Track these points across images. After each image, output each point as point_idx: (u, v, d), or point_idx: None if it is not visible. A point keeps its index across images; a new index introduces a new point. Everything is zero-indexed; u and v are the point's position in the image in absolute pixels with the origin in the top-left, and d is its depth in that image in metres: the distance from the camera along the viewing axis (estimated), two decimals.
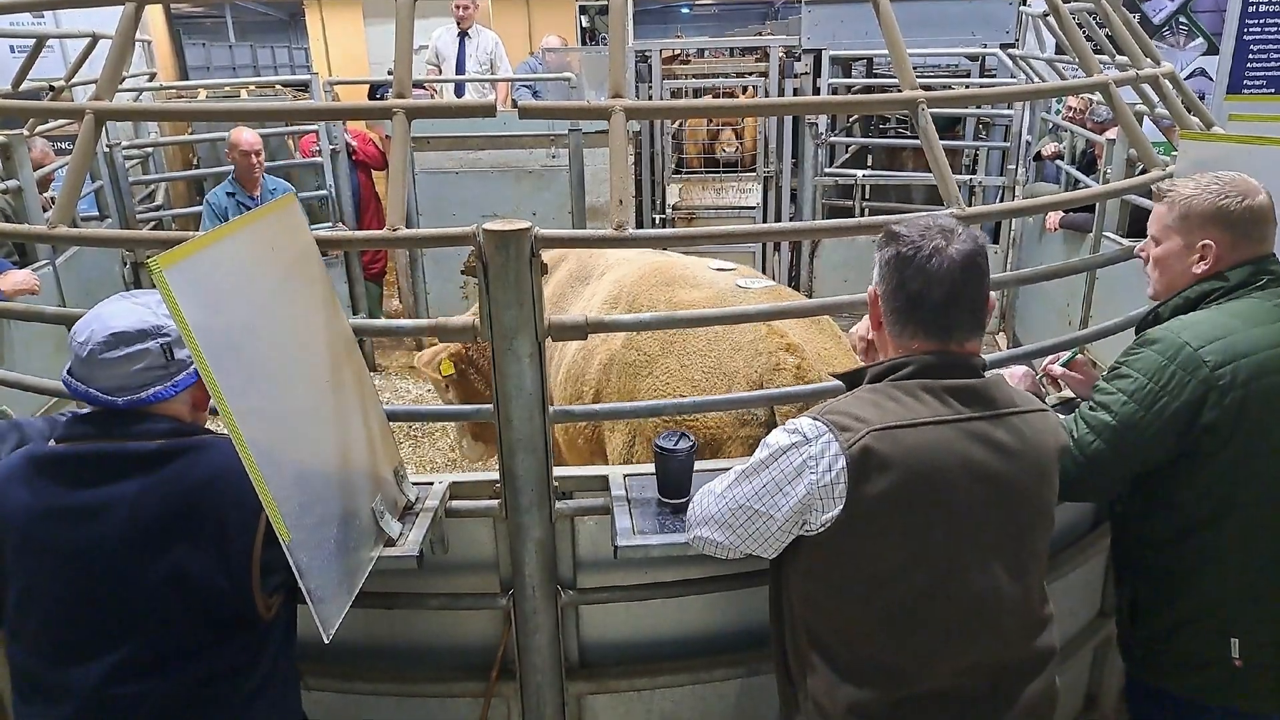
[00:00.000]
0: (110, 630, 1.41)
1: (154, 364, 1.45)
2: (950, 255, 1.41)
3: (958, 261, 1.41)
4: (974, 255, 1.43)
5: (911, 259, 1.42)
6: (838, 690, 1.44)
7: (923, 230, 1.45)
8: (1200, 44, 5.70)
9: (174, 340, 1.46)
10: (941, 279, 1.41)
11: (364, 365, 1.81)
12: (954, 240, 1.43)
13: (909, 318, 1.45)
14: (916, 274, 1.42)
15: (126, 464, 1.42)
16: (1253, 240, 1.75)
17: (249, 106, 3.72)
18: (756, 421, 2.41)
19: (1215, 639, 1.70)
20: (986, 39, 6.06)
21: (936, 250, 1.41)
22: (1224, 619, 1.70)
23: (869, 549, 1.41)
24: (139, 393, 1.44)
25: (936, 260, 1.41)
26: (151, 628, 1.41)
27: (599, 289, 3.19)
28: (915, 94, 1.95)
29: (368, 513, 1.71)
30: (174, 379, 1.46)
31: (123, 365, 1.42)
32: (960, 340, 1.46)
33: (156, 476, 1.41)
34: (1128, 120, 2.28)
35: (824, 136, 6.34)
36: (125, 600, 1.40)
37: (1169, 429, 1.65)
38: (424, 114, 1.95)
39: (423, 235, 1.79)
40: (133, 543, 1.39)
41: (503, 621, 2.07)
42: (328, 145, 5.82)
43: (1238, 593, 1.70)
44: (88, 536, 1.39)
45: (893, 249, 1.46)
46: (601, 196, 6.20)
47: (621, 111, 1.79)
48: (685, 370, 2.56)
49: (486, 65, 6.87)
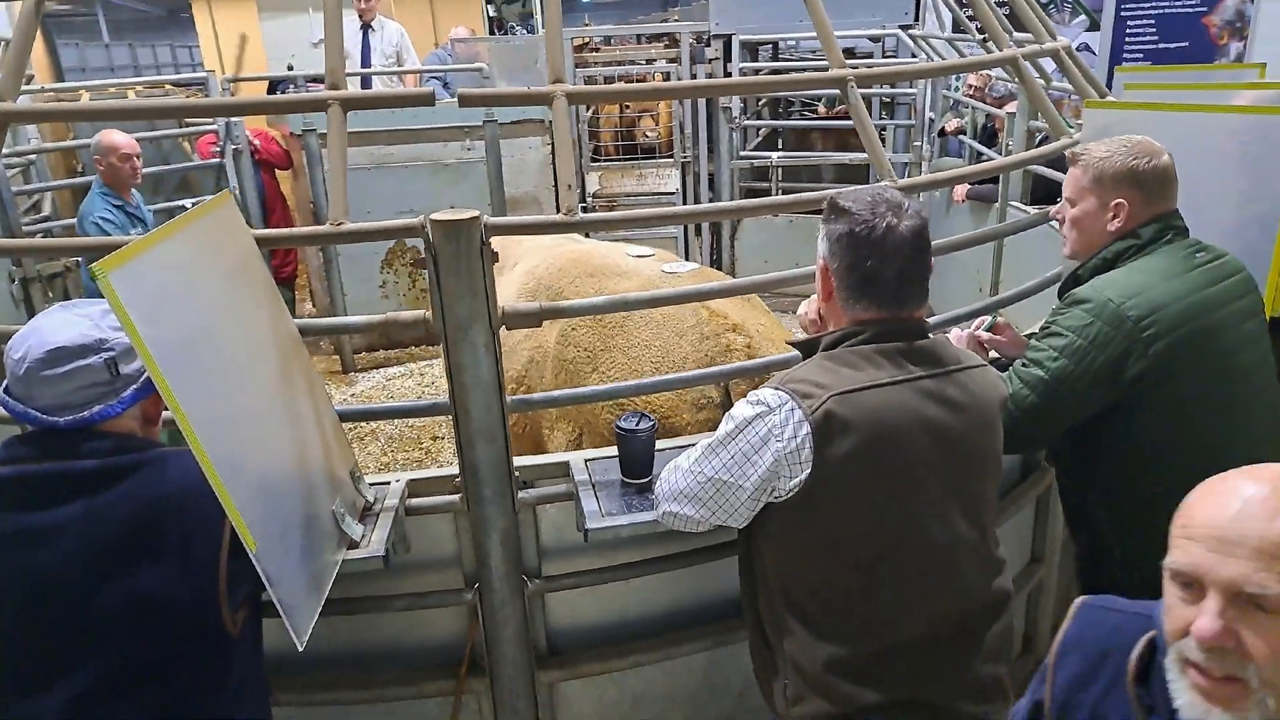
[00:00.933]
0: (71, 657, 1.34)
1: (97, 380, 1.36)
2: (902, 233, 1.46)
3: (908, 239, 1.46)
4: (921, 230, 1.49)
5: (865, 238, 1.46)
6: (815, 649, 1.49)
7: (872, 206, 1.48)
8: (1083, 20, 6.03)
9: (118, 354, 1.38)
10: (894, 256, 1.46)
11: (312, 366, 1.76)
12: (903, 216, 1.47)
13: (862, 293, 1.49)
14: (871, 252, 1.46)
15: (73, 484, 1.34)
16: (1160, 198, 1.87)
17: (168, 104, 3.49)
18: (713, 404, 2.43)
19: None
20: (886, 20, 6.27)
21: (890, 228, 1.45)
22: None
23: (837, 508, 1.46)
24: (81, 411, 1.36)
25: (890, 238, 1.45)
26: (116, 652, 1.34)
27: (511, 280, 3.13)
28: (844, 72, 2.01)
29: (329, 516, 1.67)
30: (119, 395, 1.38)
31: (63, 383, 1.34)
32: (910, 310, 1.52)
33: (108, 495, 1.34)
34: (1036, 92, 2.40)
35: (738, 121, 6.44)
36: (85, 625, 1.33)
37: (1098, 381, 1.75)
38: (360, 105, 1.90)
39: (368, 229, 1.75)
40: (89, 564, 1.32)
41: (469, 616, 2.05)
42: (229, 145, 5.59)
43: None
44: (39, 562, 1.32)
45: (844, 225, 1.49)
46: (521, 188, 6.14)
47: (564, 96, 1.79)
48: (634, 363, 2.54)
49: (393, 58, 6.70)
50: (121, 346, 1.37)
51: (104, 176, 4.29)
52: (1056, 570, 2.80)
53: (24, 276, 4.65)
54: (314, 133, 5.55)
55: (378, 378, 6.06)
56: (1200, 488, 1.07)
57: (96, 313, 1.40)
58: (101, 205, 4.27)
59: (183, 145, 6.31)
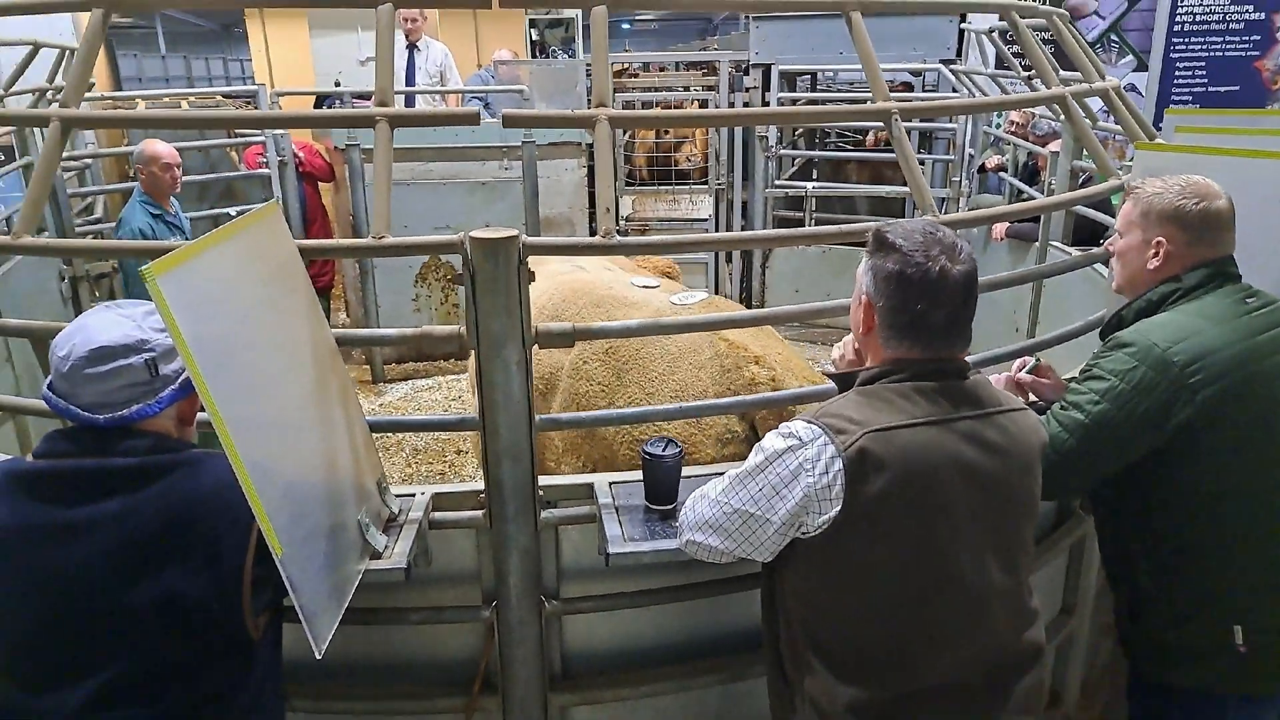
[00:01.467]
0: (92, 654, 1.35)
1: (138, 379, 1.39)
2: (955, 277, 1.41)
3: (961, 283, 1.42)
4: (973, 274, 1.45)
5: (917, 281, 1.42)
6: (836, 690, 1.46)
7: (925, 247, 1.42)
8: (1130, 61, 5.99)
9: (159, 355, 1.41)
10: (945, 302, 1.42)
11: (347, 375, 1.77)
12: (956, 260, 1.42)
13: (906, 335, 1.46)
14: (921, 296, 1.42)
15: (110, 480, 1.36)
16: (1206, 242, 1.83)
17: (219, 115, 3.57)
18: (737, 439, 2.37)
19: (1218, 628, 1.74)
20: (928, 54, 6.26)
21: (943, 272, 1.41)
22: (1226, 608, 1.75)
23: (867, 549, 1.43)
24: (121, 409, 1.38)
25: (943, 283, 1.41)
26: (137, 651, 1.35)
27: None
28: (888, 105, 2.00)
29: (354, 525, 1.67)
30: (158, 395, 1.41)
31: (105, 381, 1.37)
32: (952, 352, 1.50)
33: (143, 494, 1.36)
34: (1084, 131, 2.38)
35: (774, 150, 6.45)
36: (109, 623, 1.34)
37: (1140, 428, 1.71)
38: (407, 123, 1.93)
39: (409, 243, 1.76)
40: (119, 563, 1.33)
41: (485, 634, 2.04)
42: (275, 157, 5.70)
43: (1237, 581, 1.74)
44: (70, 556, 1.33)
45: (894, 264, 1.43)
46: (555, 208, 6.19)
47: (606, 120, 1.80)
48: (650, 399, 2.46)
49: (436, 78, 6.81)
50: (162, 348, 1.40)
51: (144, 184, 4.37)
52: (1088, 623, 2.73)
53: (73, 275, 4.76)
54: (357, 147, 5.65)
55: (406, 389, 6.10)
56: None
57: (140, 314, 1.42)
58: (141, 213, 4.35)
59: (230, 155, 6.46)
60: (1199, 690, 1.81)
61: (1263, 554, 1.74)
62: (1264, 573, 1.74)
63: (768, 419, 2.34)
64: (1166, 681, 1.84)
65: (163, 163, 4.36)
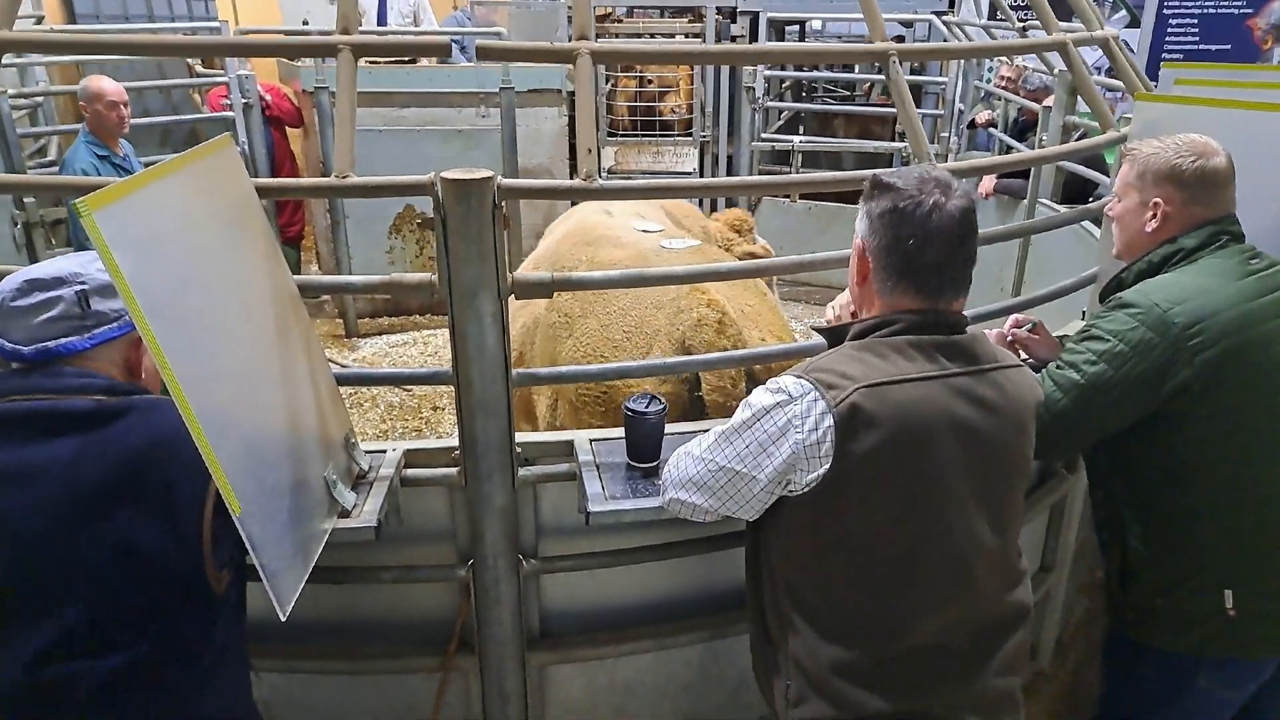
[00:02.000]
0: (44, 604, 1.27)
1: (68, 313, 1.33)
2: (950, 212, 1.35)
3: (956, 219, 1.36)
4: (970, 211, 1.38)
5: (910, 214, 1.36)
6: (820, 650, 1.42)
7: (919, 183, 1.38)
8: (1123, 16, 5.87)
9: (91, 288, 1.35)
10: (938, 237, 1.36)
11: (310, 325, 1.68)
12: (951, 195, 1.37)
13: (902, 275, 1.40)
14: (914, 230, 1.36)
15: (60, 422, 1.29)
16: (1204, 201, 1.77)
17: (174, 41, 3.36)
18: (677, 378, 2.36)
19: (1209, 593, 1.73)
20: (919, 6, 6.12)
21: (936, 206, 1.35)
22: (1217, 573, 1.73)
23: (855, 507, 1.38)
24: (47, 342, 1.32)
25: (936, 216, 1.35)
26: (91, 602, 1.28)
27: (537, 248, 3.10)
28: (886, 45, 1.90)
29: (320, 482, 1.60)
30: (91, 331, 1.35)
31: (33, 313, 1.31)
32: (949, 300, 1.43)
33: (97, 436, 1.29)
34: (1084, 79, 2.29)
35: (760, 101, 6.31)
36: (62, 571, 1.27)
37: (1137, 390, 1.66)
38: (371, 52, 1.80)
39: (374, 183, 1.66)
40: (70, 508, 1.26)
41: (460, 593, 1.99)
42: (240, 99, 5.48)
43: (1229, 546, 1.72)
44: (18, 501, 1.26)
45: (888, 201, 1.39)
46: (534, 159, 6.03)
47: (588, 54, 1.69)
48: (606, 330, 2.49)
49: (409, 18, 6.57)
50: (96, 282, 1.34)
51: (89, 123, 4.15)
52: (1066, 581, 2.73)
53: (26, 221, 4.56)
54: (326, 90, 5.44)
55: (380, 344, 5.98)
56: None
57: (87, 256, 1.36)
58: (85, 153, 4.12)
59: (193, 97, 6.20)
60: (1175, 651, 1.80)
61: (1255, 519, 1.71)
62: (1256, 538, 1.72)
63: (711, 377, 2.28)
64: (1158, 645, 1.83)
65: (107, 100, 4.12)
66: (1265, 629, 1.74)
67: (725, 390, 2.31)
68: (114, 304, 1.36)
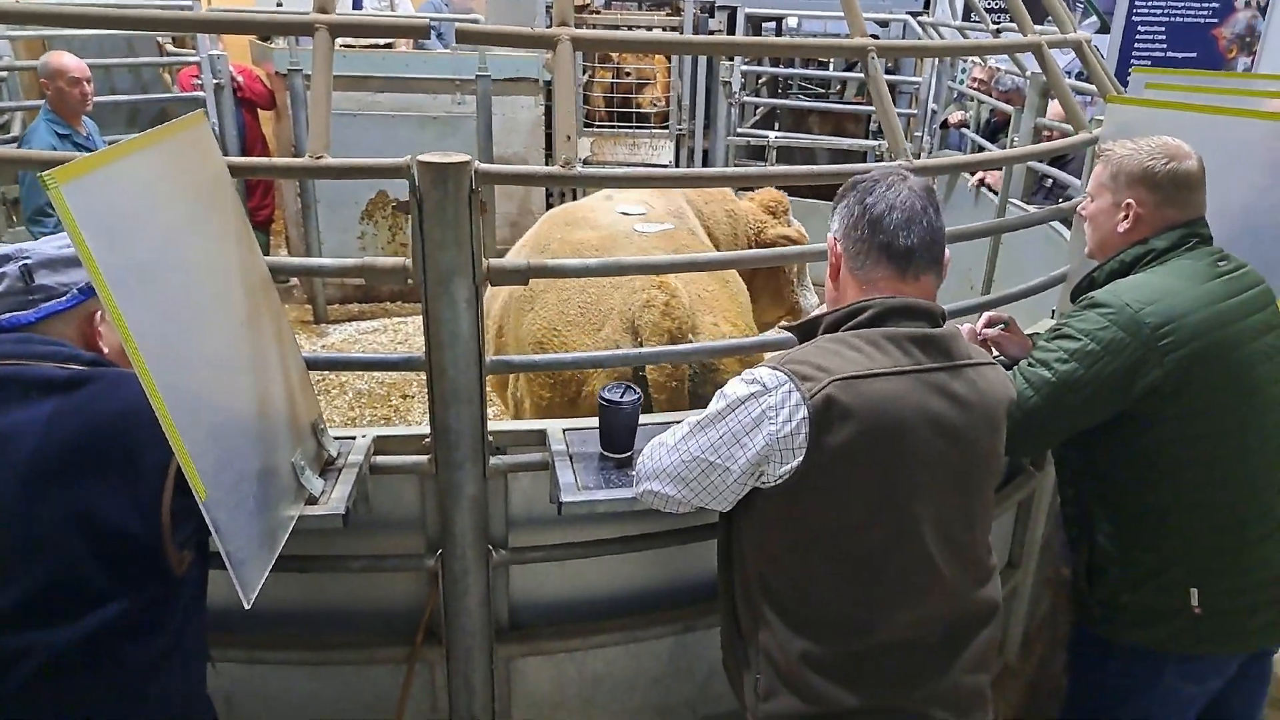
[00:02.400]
0: (3, 567, 1.24)
1: (11, 288, 1.33)
2: (910, 185, 1.47)
3: (917, 190, 1.46)
4: (929, 188, 1.49)
5: (873, 188, 1.47)
6: (791, 643, 1.42)
7: (881, 172, 1.51)
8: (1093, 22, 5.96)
9: (35, 262, 1.34)
10: (903, 203, 1.44)
11: (281, 308, 1.65)
12: (910, 178, 1.49)
13: (872, 242, 1.45)
14: (878, 200, 1.45)
15: (37, 387, 1.27)
16: (1176, 204, 1.79)
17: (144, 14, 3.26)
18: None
19: (1175, 590, 1.75)
20: (894, 6, 6.15)
21: (896, 182, 1.47)
22: (1183, 571, 1.75)
23: (828, 500, 1.39)
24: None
25: (898, 188, 1.46)
26: (50, 569, 1.25)
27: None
28: (865, 41, 1.91)
29: (288, 468, 1.57)
30: (37, 306, 1.34)
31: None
32: (917, 271, 1.45)
33: (69, 400, 1.27)
34: (1058, 80, 2.32)
35: (737, 96, 6.31)
36: (23, 536, 1.24)
37: (1107, 389, 1.68)
38: (349, 32, 1.77)
39: (350, 165, 1.63)
40: (35, 474, 1.24)
41: (428, 583, 1.97)
42: (211, 79, 5.37)
43: (1196, 545, 1.75)
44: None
45: (854, 192, 1.50)
46: (510, 147, 5.98)
47: (568, 40, 1.67)
48: (562, 305, 2.57)
49: (385, 2, 6.49)
50: (40, 256, 1.34)
51: (51, 101, 4.03)
52: (1032, 576, 2.77)
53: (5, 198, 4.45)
54: (299, 73, 5.34)
55: (350, 330, 5.90)
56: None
57: (47, 238, 1.36)
58: (46, 132, 4.00)
59: (163, 76, 6.07)
60: (1141, 647, 1.83)
61: (1221, 518, 1.74)
62: (1222, 536, 1.75)
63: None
64: (1124, 641, 1.86)
65: (69, 77, 4.00)
66: (1230, 626, 1.77)
67: (666, 371, 2.39)
68: (61, 277, 1.35)
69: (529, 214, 6.32)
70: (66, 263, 1.35)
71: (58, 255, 1.35)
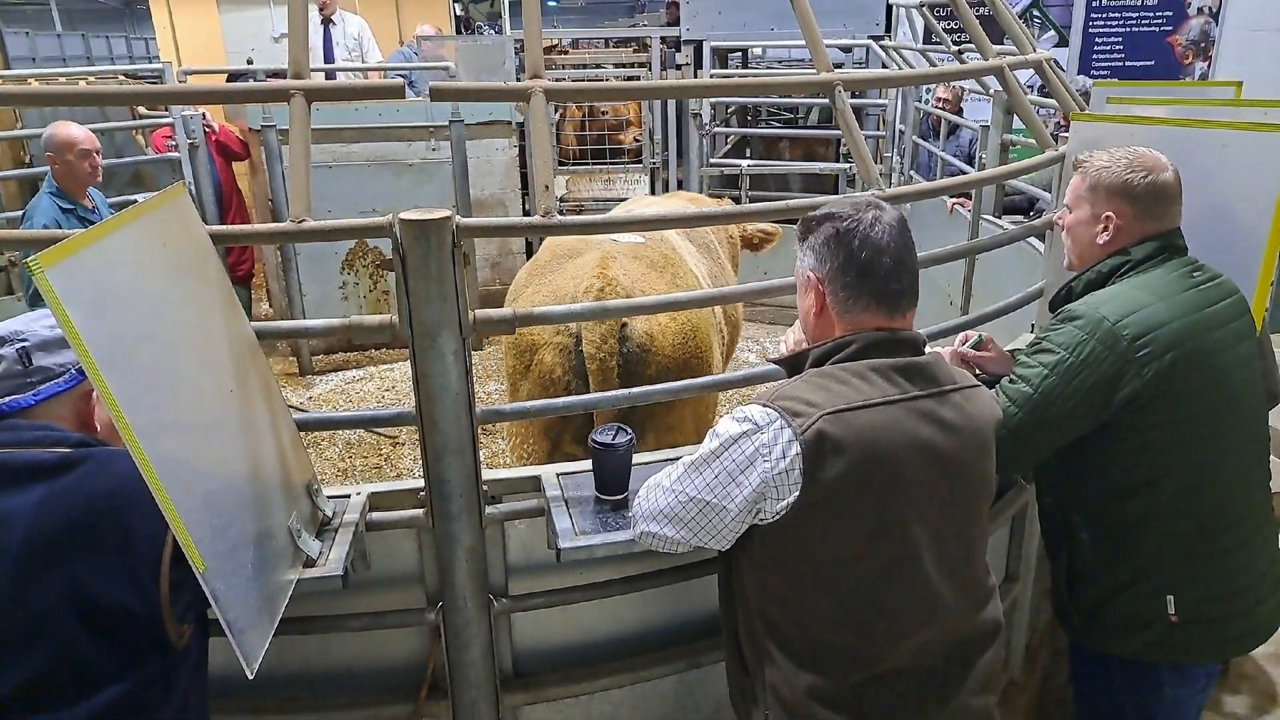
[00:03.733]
0: (3, 655, 1.23)
1: (9, 371, 1.32)
2: (888, 223, 1.44)
3: (895, 229, 1.44)
4: (904, 221, 1.48)
5: (854, 231, 1.43)
6: (797, 678, 1.42)
7: (852, 206, 1.47)
8: (1051, 36, 6.10)
9: (33, 344, 1.33)
10: (886, 246, 1.43)
11: (270, 371, 1.65)
12: (884, 212, 1.46)
13: (861, 289, 1.44)
14: (863, 245, 1.43)
15: (26, 473, 1.27)
16: (1154, 216, 1.82)
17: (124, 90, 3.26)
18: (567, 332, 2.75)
19: (1152, 599, 1.77)
20: (857, 30, 6.27)
21: (875, 220, 1.44)
22: (1160, 579, 1.77)
23: (826, 534, 1.39)
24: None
25: (879, 230, 1.43)
26: (43, 655, 1.23)
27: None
28: (831, 76, 1.95)
29: (284, 532, 1.56)
30: (36, 388, 1.34)
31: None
32: (904, 310, 1.47)
33: (59, 484, 1.27)
34: (1021, 102, 2.37)
35: (708, 127, 6.40)
36: (21, 622, 1.23)
37: (1088, 401, 1.70)
38: (325, 96, 1.79)
39: (332, 227, 1.64)
40: (29, 557, 1.23)
41: (431, 637, 1.95)
42: (185, 139, 5.39)
43: (1172, 553, 1.76)
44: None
45: (829, 227, 1.46)
46: (486, 190, 6.03)
47: (541, 93, 1.70)
48: (536, 296, 2.95)
49: (355, 51, 6.55)
50: (38, 339, 1.34)
51: (57, 175, 3.78)
52: (1030, 589, 2.78)
53: None
54: (273, 128, 5.39)
55: (336, 380, 5.89)
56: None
57: (36, 314, 1.35)
58: (48, 208, 3.76)
59: (136, 139, 6.09)
60: (1135, 659, 1.84)
61: (1197, 526, 1.76)
62: (1198, 544, 1.76)
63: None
64: (1103, 650, 1.87)
65: (80, 149, 3.73)
66: (1207, 634, 1.78)
67: (595, 344, 2.67)
68: (58, 359, 1.35)
69: (509, 254, 6.36)
70: (62, 343, 1.35)
71: (53, 336, 1.35)
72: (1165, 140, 1.98)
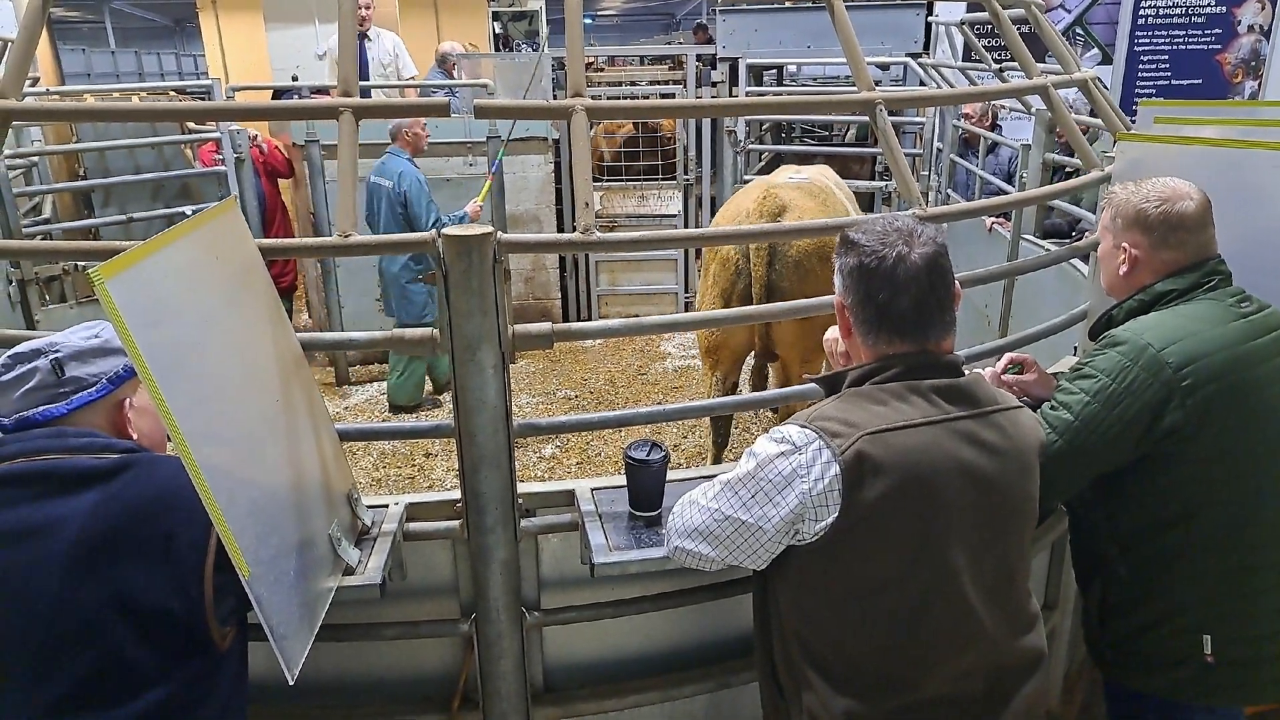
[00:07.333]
0: (44, 661, 1.26)
1: (44, 382, 1.36)
2: (914, 261, 1.39)
3: (921, 266, 1.39)
4: (936, 257, 1.41)
5: (875, 270, 1.40)
6: (834, 703, 1.40)
7: (881, 236, 1.42)
8: (1094, 54, 6.03)
9: (65, 355, 1.37)
10: (908, 286, 1.39)
11: (313, 382, 1.68)
12: (915, 244, 1.40)
13: (880, 326, 1.42)
14: (882, 284, 1.39)
15: (79, 479, 1.30)
16: (1170, 246, 1.77)
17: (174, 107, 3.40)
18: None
19: (1187, 637, 1.71)
20: (895, 48, 6.26)
21: (900, 258, 1.39)
22: (1196, 617, 1.71)
23: (865, 556, 1.38)
24: (26, 412, 1.35)
25: (901, 268, 1.38)
26: (92, 657, 1.27)
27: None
28: (873, 95, 1.95)
29: (325, 540, 1.59)
30: (69, 398, 1.37)
31: (13, 387, 1.35)
32: (935, 340, 1.45)
33: (109, 489, 1.30)
34: (1066, 121, 2.35)
35: (742, 144, 6.41)
36: (69, 625, 1.26)
37: (1130, 430, 1.66)
38: (372, 114, 1.83)
39: (377, 242, 1.68)
40: (70, 563, 1.26)
41: (463, 648, 1.96)
42: (231, 154, 5.52)
43: (1209, 590, 1.71)
44: (30, 557, 1.26)
45: (854, 258, 1.43)
46: (522, 205, 6.10)
47: (583, 111, 1.72)
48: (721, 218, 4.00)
49: (390, 68, 6.66)
50: (70, 350, 1.37)
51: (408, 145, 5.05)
52: (1070, 617, 2.72)
53: (21, 279, 4.57)
54: (316, 143, 5.50)
55: (373, 390, 5.96)
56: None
57: (76, 327, 1.40)
58: (413, 170, 4.95)
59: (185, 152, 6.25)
60: (1170, 700, 1.78)
61: (1236, 563, 1.70)
62: (1237, 583, 1.70)
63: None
64: (1134, 687, 1.81)
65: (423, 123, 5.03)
66: (1240, 677, 1.72)
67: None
68: (91, 368, 1.38)
69: (543, 269, 6.41)
70: (95, 353, 1.39)
71: (86, 346, 1.38)
72: (1214, 161, 1.95)
